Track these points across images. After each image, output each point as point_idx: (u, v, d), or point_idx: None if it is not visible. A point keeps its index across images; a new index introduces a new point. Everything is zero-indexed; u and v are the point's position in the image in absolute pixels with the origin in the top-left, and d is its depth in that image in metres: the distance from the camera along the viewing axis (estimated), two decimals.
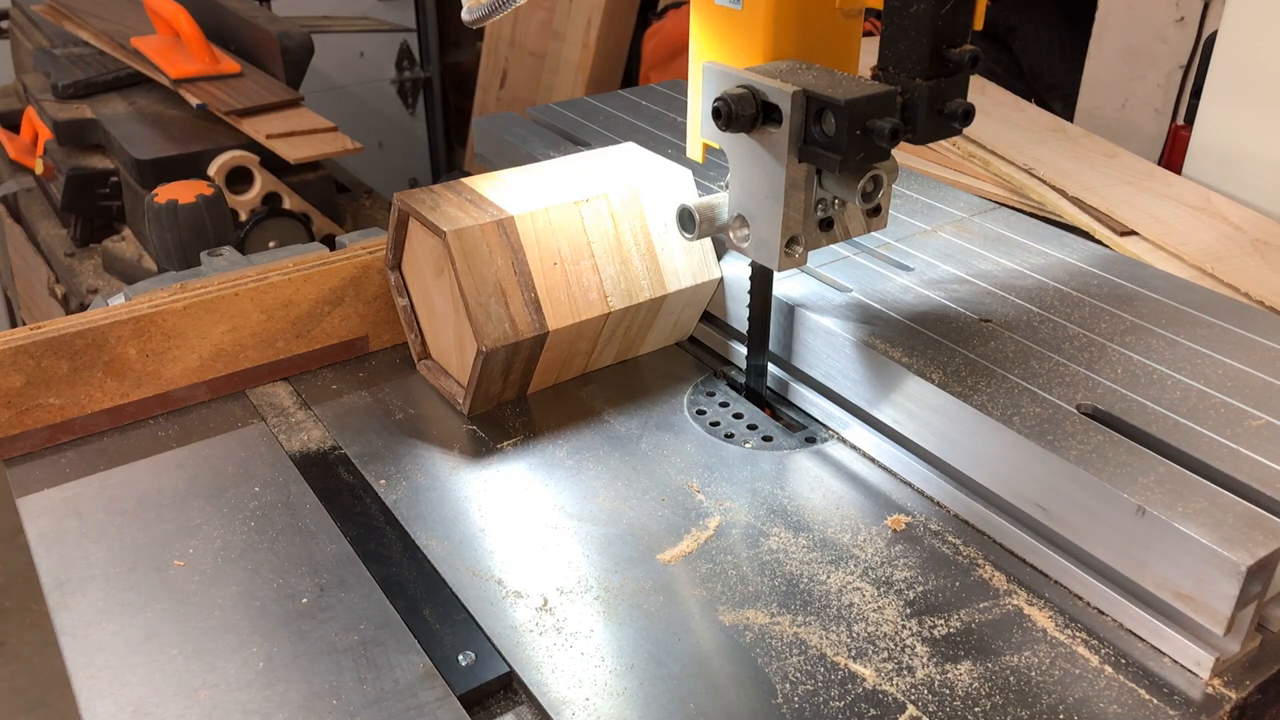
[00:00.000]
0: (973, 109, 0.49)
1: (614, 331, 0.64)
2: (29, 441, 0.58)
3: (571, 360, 0.64)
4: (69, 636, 0.47)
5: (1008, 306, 0.61)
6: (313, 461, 0.59)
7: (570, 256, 0.61)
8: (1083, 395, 0.52)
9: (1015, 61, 1.62)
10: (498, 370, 0.60)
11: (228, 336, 0.61)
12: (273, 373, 0.64)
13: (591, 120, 0.87)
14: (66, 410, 0.58)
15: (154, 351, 0.60)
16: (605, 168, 0.65)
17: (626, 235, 0.62)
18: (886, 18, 0.49)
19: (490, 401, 0.62)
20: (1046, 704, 0.44)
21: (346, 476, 0.58)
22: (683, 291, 0.64)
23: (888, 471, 0.58)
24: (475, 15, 0.57)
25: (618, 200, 0.62)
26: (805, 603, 0.49)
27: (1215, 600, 0.43)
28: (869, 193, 0.51)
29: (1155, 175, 0.95)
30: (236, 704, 0.44)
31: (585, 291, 0.61)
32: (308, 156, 1.18)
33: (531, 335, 0.59)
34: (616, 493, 0.56)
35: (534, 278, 0.59)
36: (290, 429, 0.61)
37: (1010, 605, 0.49)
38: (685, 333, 0.70)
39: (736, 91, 0.49)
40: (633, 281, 0.62)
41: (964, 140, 1.02)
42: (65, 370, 0.58)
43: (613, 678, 0.45)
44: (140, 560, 0.52)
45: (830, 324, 0.59)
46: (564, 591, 0.50)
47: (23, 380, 0.57)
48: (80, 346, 0.58)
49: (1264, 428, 0.50)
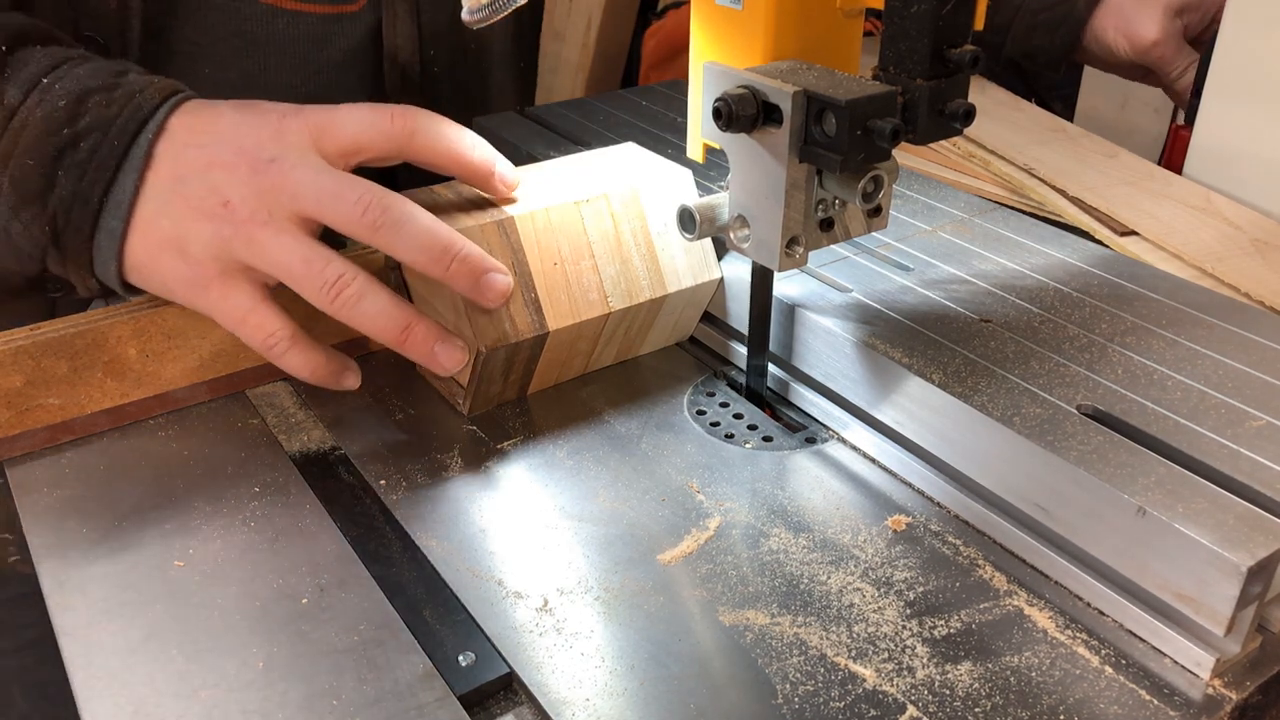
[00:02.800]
0: (973, 109, 0.49)
1: (614, 331, 0.64)
2: (28, 442, 0.58)
3: (572, 360, 0.64)
4: (69, 636, 0.47)
5: (1008, 306, 0.61)
6: (312, 461, 0.59)
7: (570, 257, 0.60)
8: (1083, 396, 0.52)
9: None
10: (498, 370, 0.60)
11: (228, 337, 0.61)
12: (273, 373, 0.64)
13: (591, 120, 0.87)
14: (66, 410, 0.58)
15: (154, 351, 0.60)
16: (605, 168, 0.65)
17: (627, 235, 0.62)
18: (887, 18, 0.49)
19: (490, 402, 0.62)
20: (1047, 704, 0.44)
21: (346, 477, 0.58)
22: (683, 291, 0.64)
23: (888, 472, 0.58)
24: (475, 15, 0.56)
25: (618, 200, 0.62)
26: (805, 603, 0.49)
27: (1216, 601, 0.43)
28: (869, 193, 0.51)
29: (1155, 175, 0.95)
30: (236, 704, 0.44)
31: (585, 292, 0.61)
32: None
33: (532, 335, 0.59)
34: (616, 493, 0.56)
35: (534, 278, 0.59)
36: (290, 429, 0.61)
37: (1010, 606, 0.49)
38: (686, 333, 0.70)
39: (737, 91, 0.49)
40: (633, 281, 0.62)
41: (964, 140, 1.02)
42: (65, 370, 0.58)
43: (613, 678, 0.45)
44: (140, 560, 0.52)
45: (830, 324, 0.59)
46: (564, 592, 0.50)
47: (22, 380, 0.57)
48: (80, 347, 0.58)
49: (1264, 428, 0.50)
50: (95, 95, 0.56)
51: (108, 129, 0.55)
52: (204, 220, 0.54)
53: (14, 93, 0.56)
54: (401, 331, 0.56)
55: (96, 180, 0.55)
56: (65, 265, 0.57)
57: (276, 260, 0.54)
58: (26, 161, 0.55)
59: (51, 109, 0.55)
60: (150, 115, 0.56)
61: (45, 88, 0.56)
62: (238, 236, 0.54)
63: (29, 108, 0.56)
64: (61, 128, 0.55)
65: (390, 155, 0.58)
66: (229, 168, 0.54)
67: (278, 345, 0.57)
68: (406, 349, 0.57)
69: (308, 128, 0.56)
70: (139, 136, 0.56)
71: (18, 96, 0.56)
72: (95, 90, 0.56)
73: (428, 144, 0.58)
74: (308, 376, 0.58)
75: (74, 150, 0.55)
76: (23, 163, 0.55)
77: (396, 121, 0.57)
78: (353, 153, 0.57)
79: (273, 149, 0.55)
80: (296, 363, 0.58)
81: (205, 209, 0.54)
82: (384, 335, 0.57)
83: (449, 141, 0.58)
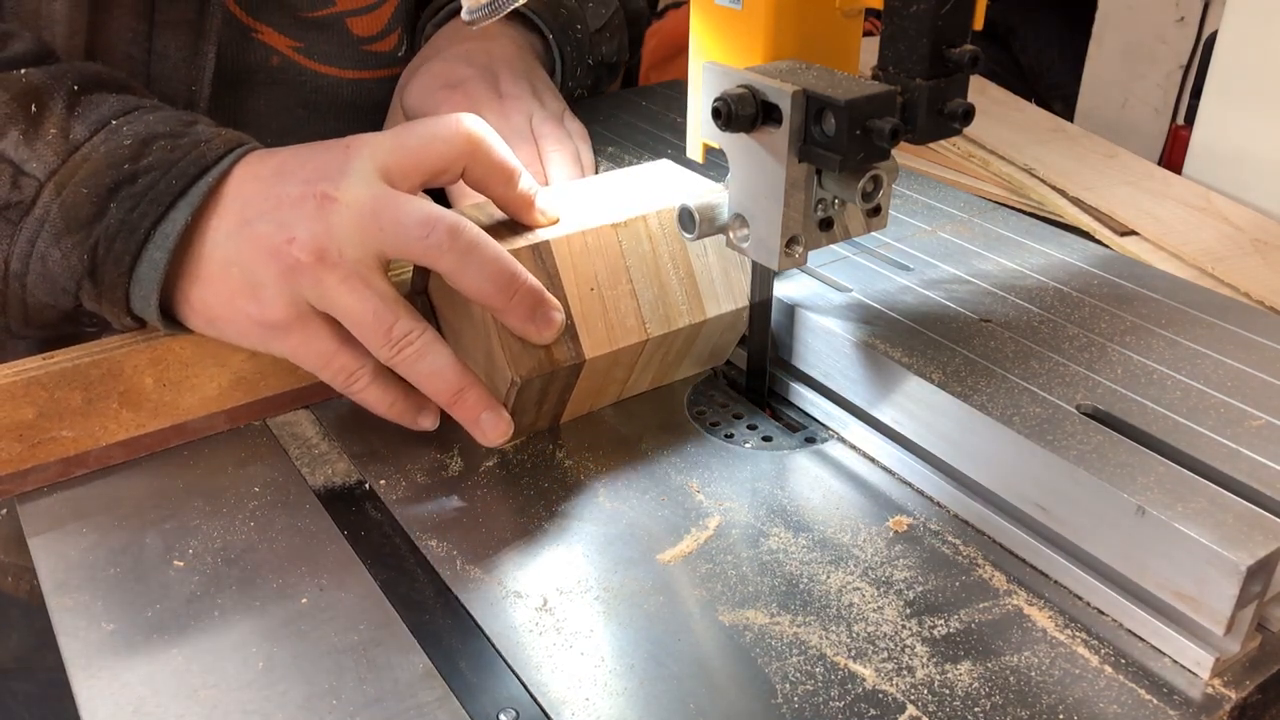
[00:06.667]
0: (973, 109, 0.49)
1: (651, 358, 0.62)
2: (40, 476, 0.56)
3: (607, 388, 0.62)
4: (69, 636, 0.47)
5: (1008, 306, 0.61)
6: (317, 460, 0.59)
7: (607, 281, 0.58)
8: (1083, 395, 0.52)
9: (1015, 61, 1.62)
10: (532, 400, 0.58)
11: (248, 364, 0.60)
12: (294, 400, 0.63)
13: (592, 120, 0.87)
14: (80, 443, 0.57)
15: (171, 381, 0.58)
16: (640, 187, 0.64)
17: (665, 258, 0.60)
18: (886, 18, 0.49)
19: (523, 432, 0.61)
20: (1046, 704, 0.44)
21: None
22: (723, 316, 0.62)
23: (887, 471, 0.58)
24: (475, 15, 0.56)
25: (655, 222, 0.60)
26: (805, 603, 0.49)
27: (1215, 600, 0.43)
28: (869, 193, 0.51)
29: (1155, 175, 0.95)
30: (236, 704, 0.44)
31: (623, 317, 0.59)
32: None
33: (568, 364, 0.57)
34: (616, 493, 0.56)
35: (570, 303, 0.57)
36: (313, 461, 0.60)
37: (1010, 605, 0.49)
38: (722, 357, 0.67)
39: (736, 91, 0.49)
40: (671, 306, 0.60)
41: (964, 140, 1.02)
42: (79, 402, 0.56)
43: (612, 678, 0.45)
44: (140, 560, 0.52)
45: (830, 324, 0.59)
46: (563, 591, 0.50)
47: (35, 413, 0.55)
48: (95, 377, 0.56)
49: (1264, 428, 0.50)
50: (161, 140, 0.56)
51: (168, 169, 0.55)
52: (271, 260, 0.54)
53: (81, 130, 0.56)
54: (454, 395, 0.56)
55: (147, 213, 0.55)
56: (100, 300, 0.56)
57: (347, 309, 0.54)
58: (81, 190, 0.54)
59: (116, 146, 0.55)
60: (215, 162, 0.56)
61: (114, 129, 0.56)
62: (306, 279, 0.54)
63: (94, 144, 0.56)
64: (123, 164, 0.55)
65: (452, 171, 0.57)
66: (295, 203, 0.54)
67: (359, 383, 0.57)
68: (454, 411, 0.57)
69: (369, 151, 0.55)
70: (200, 179, 0.55)
71: (84, 134, 0.56)
72: (162, 135, 0.56)
73: (484, 164, 0.57)
74: (384, 412, 0.58)
75: (130, 184, 0.55)
76: (77, 191, 0.54)
77: (460, 133, 0.56)
78: (417, 174, 0.56)
79: (337, 179, 0.54)
80: (375, 398, 0.58)
81: (272, 246, 0.54)
82: (438, 395, 0.57)
83: (500, 163, 0.57)
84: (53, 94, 0.57)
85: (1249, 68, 0.90)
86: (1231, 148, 0.91)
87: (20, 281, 0.56)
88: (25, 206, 0.55)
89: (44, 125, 0.56)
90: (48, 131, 0.56)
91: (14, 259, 0.55)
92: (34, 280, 0.56)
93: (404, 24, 0.89)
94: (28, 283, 0.56)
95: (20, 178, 0.55)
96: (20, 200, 0.55)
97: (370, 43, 0.87)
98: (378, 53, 0.88)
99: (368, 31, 0.87)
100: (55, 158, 0.55)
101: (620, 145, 0.87)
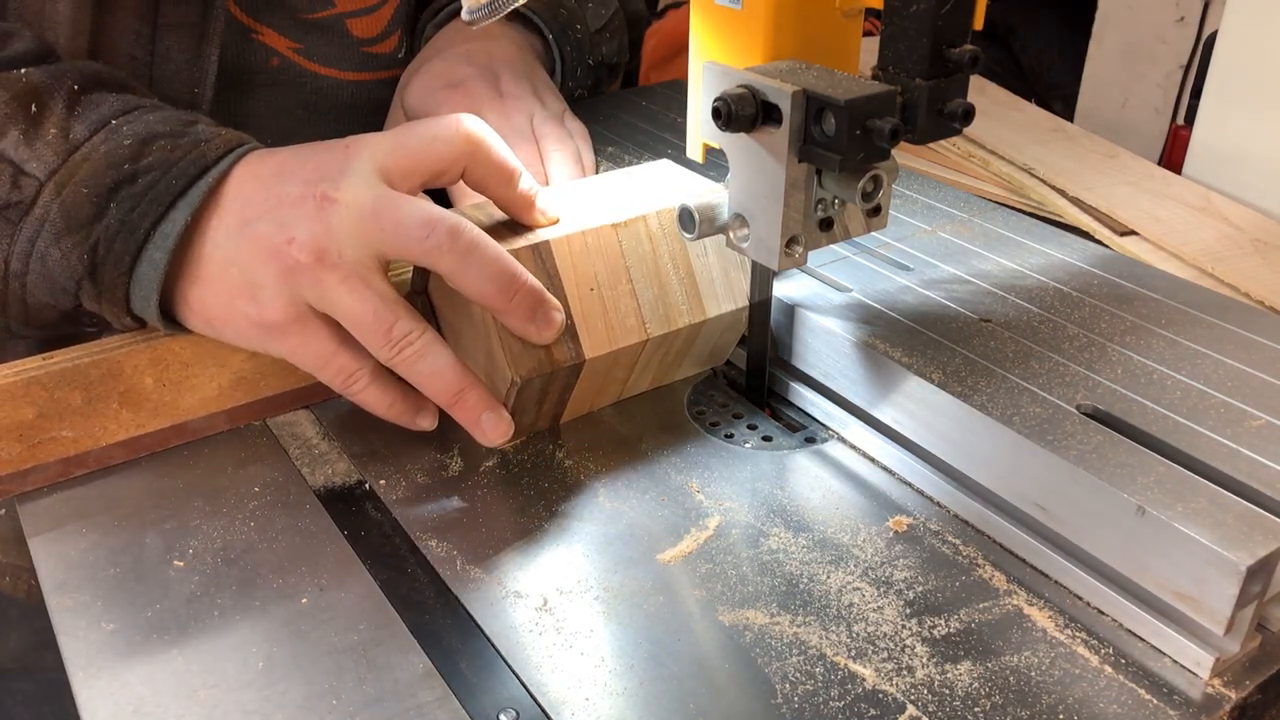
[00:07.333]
0: (973, 109, 0.49)
1: (651, 358, 0.62)
2: (40, 476, 0.56)
3: (607, 388, 0.62)
4: (69, 636, 0.47)
5: (1008, 306, 0.61)
6: (317, 460, 0.59)
7: (607, 281, 0.59)
8: (1083, 395, 0.52)
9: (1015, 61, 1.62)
10: (532, 400, 0.58)
11: (248, 364, 0.60)
12: (295, 400, 0.63)
13: (592, 120, 0.87)
14: (80, 443, 0.57)
15: (171, 381, 0.58)
16: (640, 187, 0.64)
17: (665, 258, 0.60)
18: (886, 18, 0.49)
19: (523, 432, 0.61)
20: (1046, 704, 0.44)
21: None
22: (723, 316, 0.62)
23: (887, 471, 0.58)
24: (475, 15, 0.56)
25: (655, 222, 0.60)
26: (805, 603, 0.49)
27: (1215, 600, 0.43)
28: (869, 193, 0.51)
29: (1155, 175, 0.95)
30: (236, 704, 0.44)
31: (623, 317, 0.59)
32: None
33: (568, 364, 0.57)
34: (616, 493, 0.56)
35: (570, 303, 0.57)
36: (313, 461, 0.60)
37: (1010, 605, 0.49)
38: (722, 357, 0.67)
39: (736, 91, 0.49)
40: (671, 306, 0.60)
41: (964, 140, 1.02)
42: (79, 402, 0.56)
43: (612, 678, 0.45)
44: (140, 560, 0.52)
45: (830, 324, 0.59)
46: (563, 591, 0.50)
47: (34, 413, 0.55)
48: (95, 377, 0.56)
49: (1264, 428, 0.50)
50: (161, 139, 0.56)
51: (168, 169, 0.55)
52: (271, 260, 0.54)
53: (81, 129, 0.56)
54: (454, 395, 0.56)
55: (147, 213, 0.55)
56: (100, 300, 0.56)
57: (347, 309, 0.54)
58: (81, 190, 0.54)
59: (116, 146, 0.55)
60: (214, 162, 0.56)
61: (114, 129, 0.56)
62: (306, 279, 0.53)
63: (94, 144, 0.55)
64: (123, 164, 0.55)
65: (453, 171, 0.57)
66: (295, 203, 0.54)
67: (358, 383, 0.57)
68: (455, 412, 0.57)
69: (369, 152, 0.55)
70: (200, 179, 0.55)
71: (84, 134, 0.56)
72: (162, 135, 0.56)
73: (484, 165, 0.57)
74: (383, 412, 0.58)
75: (130, 184, 0.55)
76: (77, 190, 0.54)
77: (461, 134, 0.56)
78: (417, 174, 0.56)
79: (338, 179, 0.54)
80: (373, 399, 0.58)
81: (271, 247, 0.54)
82: (438, 396, 0.57)
83: (500, 164, 0.57)
84: (53, 94, 0.57)
85: (1249, 68, 0.90)
86: (1231, 148, 0.91)
87: (20, 281, 0.56)
88: (25, 206, 0.55)
89: (44, 125, 0.56)
90: (48, 131, 0.56)
91: (14, 259, 0.56)
92: (34, 280, 0.56)
93: (404, 26, 0.89)
94: (28, 282, 0.56)
95: (20, 177, 0.55)
96: (20, 200, 0.55)
97: (370, 44, 0.87)
98: (377, 54, 0.88)
99: (368, 33, 0.87)
100: (55, 157, 0.55)
101: (620, 145, 0.87)
